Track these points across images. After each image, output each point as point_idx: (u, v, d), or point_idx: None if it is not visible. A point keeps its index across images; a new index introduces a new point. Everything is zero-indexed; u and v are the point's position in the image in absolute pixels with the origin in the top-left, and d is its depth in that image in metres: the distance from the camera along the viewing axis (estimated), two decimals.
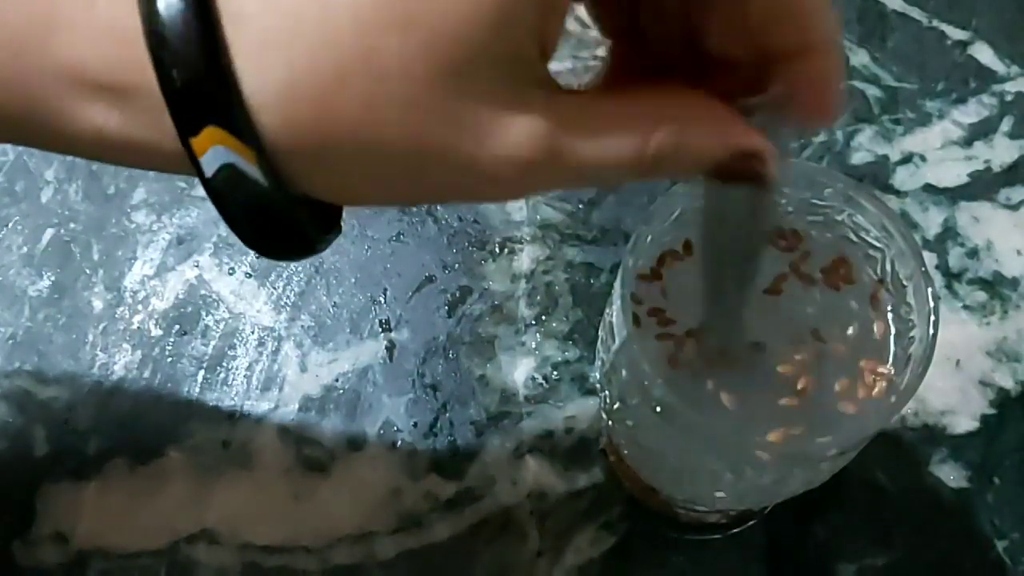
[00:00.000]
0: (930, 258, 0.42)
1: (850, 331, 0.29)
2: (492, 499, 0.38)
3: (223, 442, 0.39)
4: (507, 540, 0.37)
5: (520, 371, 0.40)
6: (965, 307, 0.41)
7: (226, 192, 0.19)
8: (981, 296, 0.41)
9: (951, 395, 0.40)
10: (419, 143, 0.19)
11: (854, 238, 0.30)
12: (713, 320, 0.28)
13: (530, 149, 0.20)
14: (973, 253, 0.42)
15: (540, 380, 0.40)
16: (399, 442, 0.39)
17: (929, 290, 0.27)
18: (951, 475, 0.39)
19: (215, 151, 0.19)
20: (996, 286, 0.42)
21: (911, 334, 0.28)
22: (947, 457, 0.39)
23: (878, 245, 0.29)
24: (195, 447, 0.39)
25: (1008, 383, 0.40)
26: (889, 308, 0.29)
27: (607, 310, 0.30)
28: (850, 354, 0.29)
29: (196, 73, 0.18)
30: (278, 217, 0.20)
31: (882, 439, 0.39)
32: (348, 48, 0.18)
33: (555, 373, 0.40)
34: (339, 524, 0.37)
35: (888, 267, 0.29)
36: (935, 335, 0.27)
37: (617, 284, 0.28)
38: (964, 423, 0.39)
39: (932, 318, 0.27)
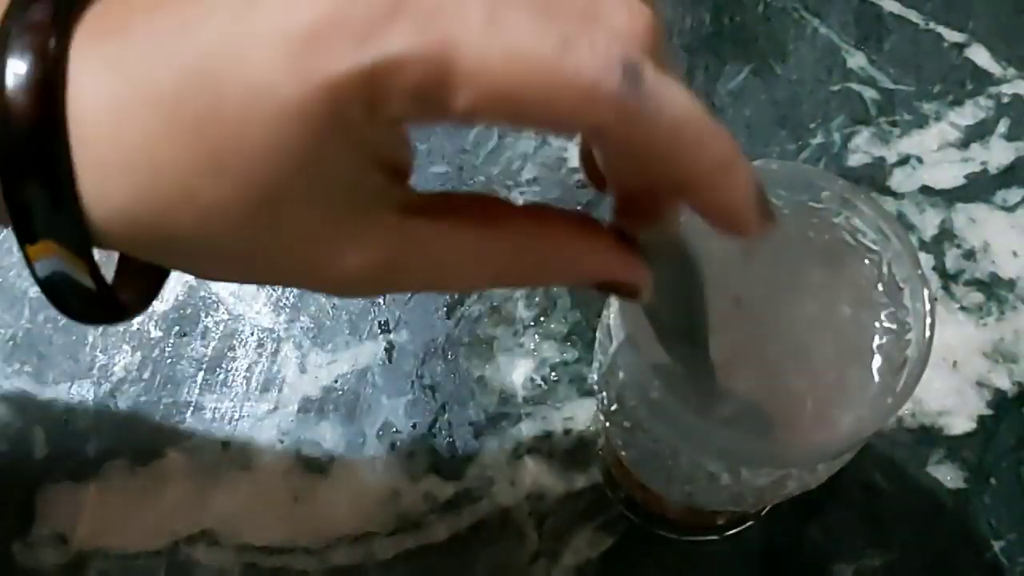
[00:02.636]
0: (927, 259, 0.42)
1: (848, 334, 0.29)
2: (490, 500, 0.38)
3: (222, 443, 0.39)
4: (505, 541, 0.37)
5: (518, 372, 0.40)
6: (962, 308, 0.41)
7: (56, 291, 0.20)
8: (978, 297, 0.42)
9: (948, 396, 0.40)
10: (253, 266, 0.21)
11: (851, 241, 0.30)
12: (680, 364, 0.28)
13: (361, 271, 0.21)
14: (970, 254, 0.42)
15: (538, 381, 0.40)
16: (398, 443, 0.39)
17: (925, 292, 0.27)
18: (948, 476, 0.39)
19: (50, 261, 0.20)
20: (993, 287, 0.42)
21: (907, 336, 0.28)
22: (944, 458, 0.39)
23: (875, 248, 0.29)
24: (194, 448, 0.39)
25: (1005, 384, 0.40)
26: (886, 310, 0.29)
27: (604, 312, 0.30)
28: (848, 356, 0.29)
29: (39, 191, 0.19)
30: (103, 305, 0.21)
31: (879, 440, 0.39)
32: (171, 188, 0.19)
33: (553, 374, 0.40)
34: (338, 525, 0.38)
35: (885, 269, 0.29)
36: (931, 337, 0.27)
37: None
38: (961, 424, 0.39)
39: (928, 320, 0.27)
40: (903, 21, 0.47)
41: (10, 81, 0.19)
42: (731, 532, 0.38)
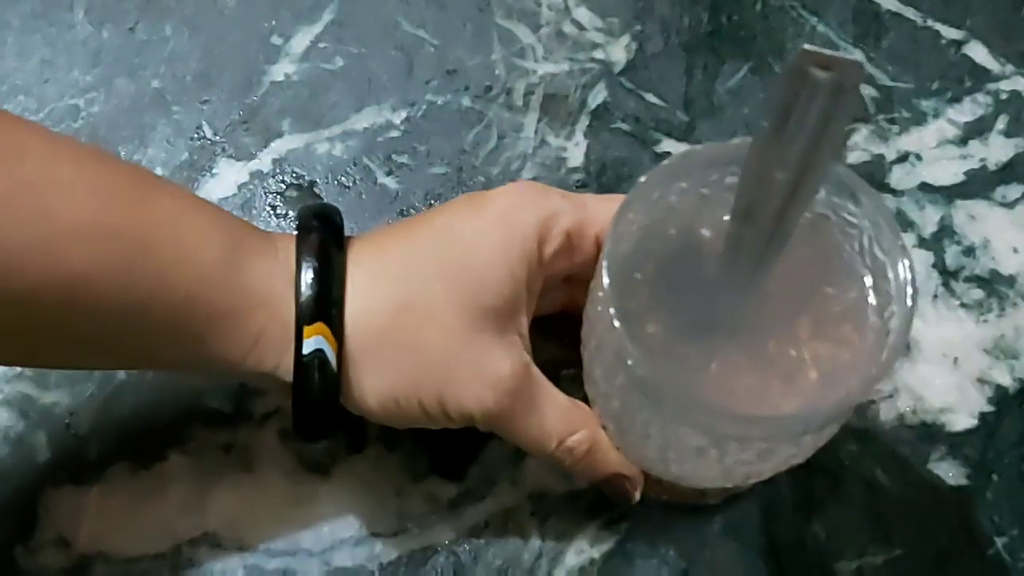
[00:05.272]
0: (927, 256, 0.42)
1: (832, 306, 0.30)
2: (493, 500, 0.38)
3: (224, 445, 0.39)
4: (508, 541, 0.37)
5: None
6: (962, 305, 0.41)
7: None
8: (978, 294, 0.42)
9: (949, 393, 0.40)
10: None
11: (832, 215, 0.30)
12: (740, 236, 0.27)
13: (512, 376, 0.32)
14: (970, 251, 0.42)
15: None
16: (399, 444, 0.39)
17: (906, 262, 0.27)
18: (950, 472, 0.39)
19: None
20: (993, 284, 0.42)
21: (891, 308, 0.28)
22: (946, 455, 0.39)
23: (855, 221, 0.29)
24: (196, 450, 0.39)
25: (1006, 380, 0.40)
26: (869, 282, 0.29)
27: (591, 291, 0.30)
28: (831, 328, 0.29)
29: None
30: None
31: (881, 437, 0.39)
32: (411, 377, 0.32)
33: (555, 374, 0.40)
34: (340, 526, 0.38)
35: (865, 242, 0.29)
36: (913, 307, 0.27)
37: (600, 264, 0.28)
38: (962, 421, 0.39)
39: (910, 290, 0.27)
40: (901, 18, 0.47)
41: (304, 292, 0.31)
42: (725, 511, 0.37)
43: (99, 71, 0.46)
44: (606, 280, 0.27)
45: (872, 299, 0.29)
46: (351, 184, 0.44)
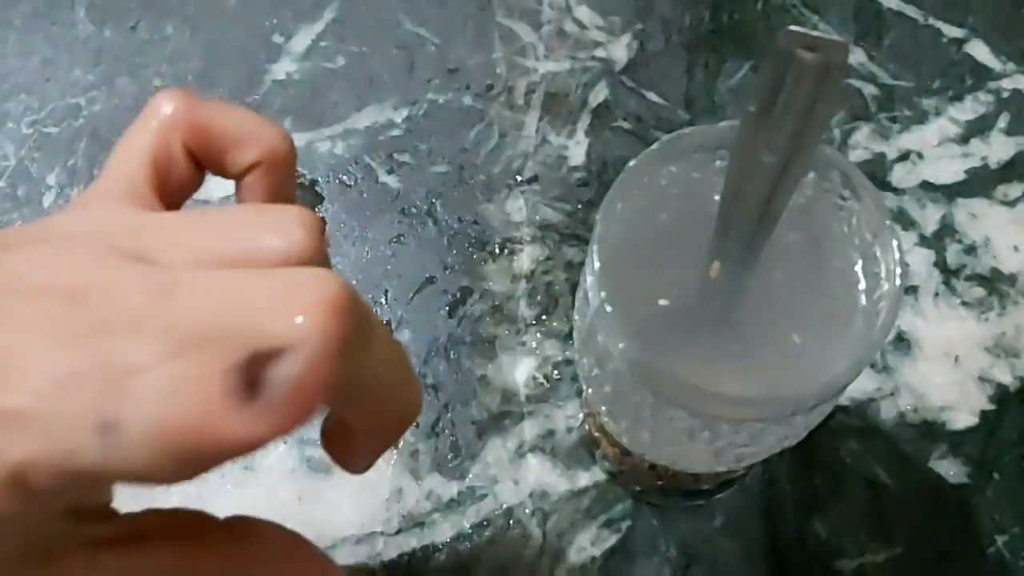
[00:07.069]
0: (928, 255, 0.42)
1: (822, 288, 0.30)
2: (494, 499, 0.38)
3: None
4: (509, 539, 0.37)
5: (521, 371, 0.40)
6: (963, 303, 0.41)
7: None
8: (979, 292, 0.42)
9: (950, 391, 0.40)
10: None
11: (821, 197, 0.30)
12: (724, 247, 0.27)
13: None
14: (971, 249, 0.42)
15: (541, 380, 0.40)
16: (401, 443, 0.39)
17: (895, 243, 0.27)
18: (951, 470, 0.39)
19: None
20: (994, 282, 0.42)
21: (880, 289, 0.28)
22: (947, 453, 0.39)
23: (844, 203, 0.29)
24: None
25: (1007, 378, 0.40)
26: (858, 264, 0.29)
27: (581, 278, 0.30)
28: (821, 310, 0.29)
29: None
30: None
31: (882, 435, 0.39)
32: None
33: (556, 372, 0.40)
34: (342, 525, 0.38)
35: (855, 223, 0.29)
36: (902, 286, 0.27)
37: (590, 248, 0.28)
38: (963, 419, 0.40)
39: (899, 271, 0.27)
40: (902, 17, 0.47)
41: None
42: (723, 509, 0.37)
43: (100, 70, 0.46)
44: (596, 264, 0.27)
45: (862, 281, 0.29)
46: (352, 183, 0.44)
